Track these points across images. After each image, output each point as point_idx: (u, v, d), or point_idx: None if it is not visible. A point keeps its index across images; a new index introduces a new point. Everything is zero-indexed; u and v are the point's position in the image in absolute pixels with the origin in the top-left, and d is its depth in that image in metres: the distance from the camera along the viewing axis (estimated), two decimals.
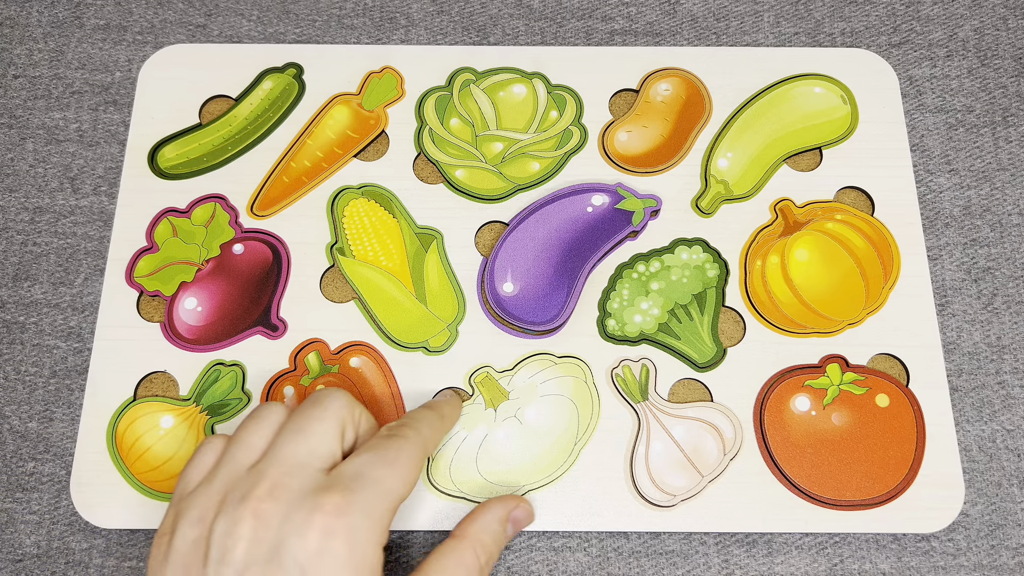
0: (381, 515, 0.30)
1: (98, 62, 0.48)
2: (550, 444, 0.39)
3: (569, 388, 0.40)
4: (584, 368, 0.40)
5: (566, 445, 0.39)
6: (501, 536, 0.35)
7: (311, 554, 0.28)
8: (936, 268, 0.44)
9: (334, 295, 0.42)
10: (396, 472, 0.31)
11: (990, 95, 0.48)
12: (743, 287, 0.42)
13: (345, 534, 0.29)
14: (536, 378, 0.40)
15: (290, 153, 0.45)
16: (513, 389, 0.40)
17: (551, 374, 0.40)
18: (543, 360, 0.40)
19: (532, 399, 0.40)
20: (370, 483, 0.30)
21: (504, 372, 0.40)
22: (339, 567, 0.28)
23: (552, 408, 0.40)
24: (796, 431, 0.40)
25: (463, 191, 0.44)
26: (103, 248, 0.44)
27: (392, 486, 0.31)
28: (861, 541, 0.39)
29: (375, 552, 0.30)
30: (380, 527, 0.30)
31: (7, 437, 0.41)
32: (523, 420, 0.39)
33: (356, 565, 0.29)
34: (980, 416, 0.41)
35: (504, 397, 0.40)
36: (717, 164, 0.45)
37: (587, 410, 0.40)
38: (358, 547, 0.29)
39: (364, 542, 0.29)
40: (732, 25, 0.49)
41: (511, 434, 0.39)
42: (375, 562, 0.30)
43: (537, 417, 0.39)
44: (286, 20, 0.49)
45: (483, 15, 0.49)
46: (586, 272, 0.42)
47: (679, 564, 0.39)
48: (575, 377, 0.40)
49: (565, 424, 0.39)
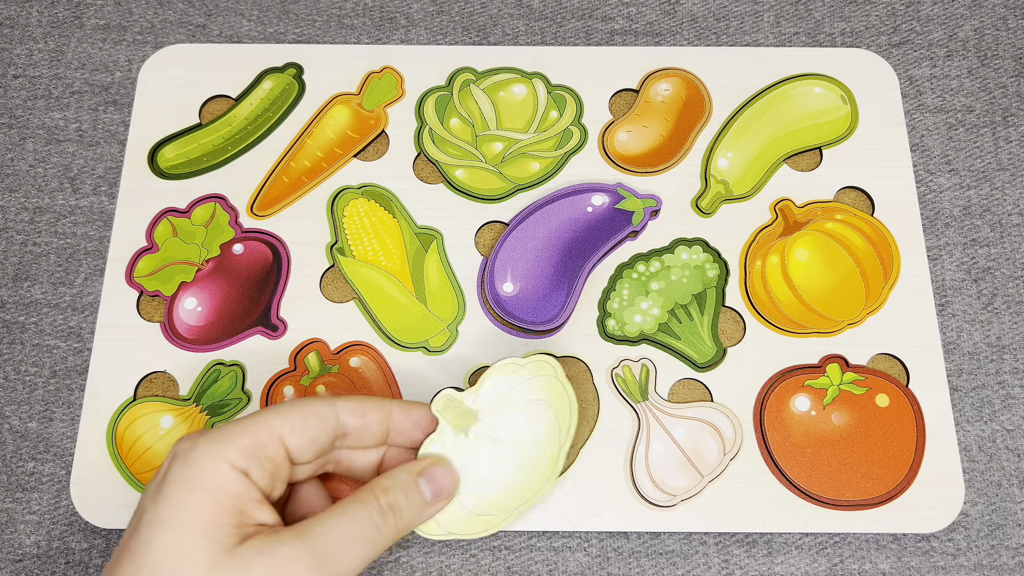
0: (233, 437, 0.30)
1: (98, 62, 0.48)
2: (531, 456, 0.35)
3: (541, 389, 0.36)
4: (551, 363, 0.36)
5: (551, 454, 0.36)
6: (410, 486, 0.33)
7: (156, 482, 0.30)
8: (936, 268, 0.44)
9: (334, 295, 0.42)
10: (276, 412, 0.31)
11: (990, 95, 0.48)
12: (743, 287, 0.42)
13: (184, 453, 0.30)
14: (503, 387, 0.35)
15: (290, 153, 0.45)
16: (481, 407, 0.35)
17: (519, 379, 0.36)
18: (506, 367, 0.36)
19: (504, 412, 0.35)
20: (242, 418, 0.31)
21: (466, 391, 0.35)
22: (171, 483, 0.29)
23: (527, 417, 0.35)
24: (796, 431, 0.40)
25: (463, 191, 0.44)
26: (103, 248, 0.44)
27: (263, 419, 0.31)
28: (861, 541, 0.39)
29: (217, 471, 0.29)
30: (230, 447, 0.30)
31: (7, 437, 0.41)
32: (499, 439, 0.35)
33: (187, 481, 0.29)
34: (980, 416, 0.41)
35: (473, 419, 0.35)
36: (717, 164, 0.45)
37: (563, 408, 0.36)
38: (192, 464, 0.29)
39: (201, 460, 0.29)
40: (732, 25, 0.49)
41: (490, 456, 0.35)
42: (217, 480, 0.29)
43: (514, 431, 0.35)
44: (286, 20, 0.49)
45: (483, 15, 0.49)
46: (586, 272, 0.42)
47: (679, 564, 0.39)
48: (545, 376, 0.36)
49: (545, 430, 0.36)
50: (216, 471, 0.29)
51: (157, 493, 0.29)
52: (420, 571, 0.39)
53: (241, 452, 0.30)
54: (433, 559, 0.39)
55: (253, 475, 0.30)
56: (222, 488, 0.29)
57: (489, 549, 0.39)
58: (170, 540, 0.28)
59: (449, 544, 0.39)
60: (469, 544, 0.39)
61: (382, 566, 0.39)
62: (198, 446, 0.30)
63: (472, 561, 0.39)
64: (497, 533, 0.39)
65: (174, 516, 0.29)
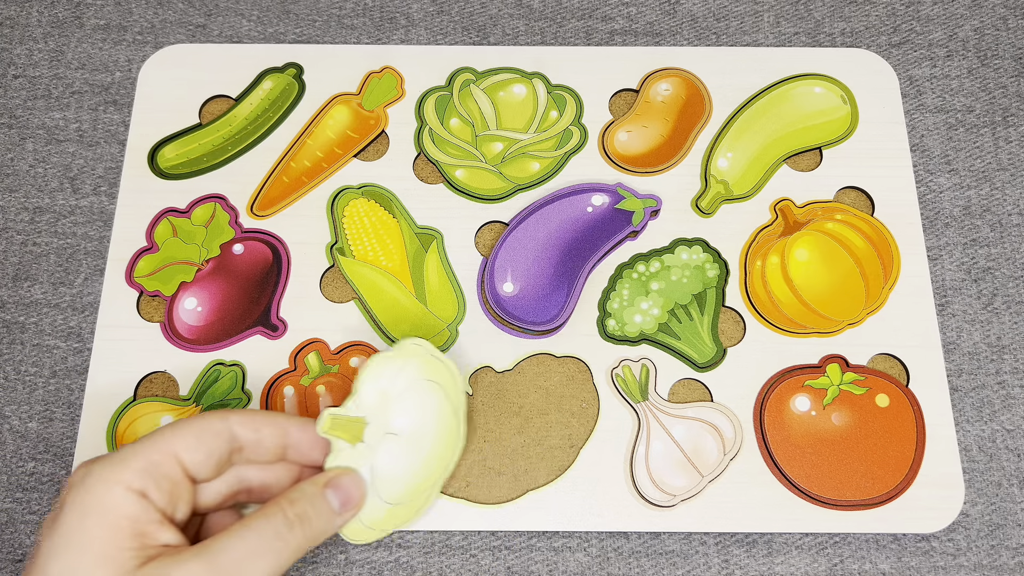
0: (127, 460, 0.30)
1: (98, 62, 0.48)
2: (434, 432, 0.36)
3: (418, 370, 0.36)
4: (420, 344, 0.36)
5: (450, 422, 0.36)
6: (317, 497, 0.33)
7: (54, 513, 0.30)
8: (936, 268, 0.44)
9: (334, 295, 0.42)
10: (170, 430, 0.31)
11: (990, 95, 0.48)
12: (743, 287, 0.42)
13: (80, 480, 0.30)
14: (381, 384, 0.35)
15: (290, 153, 0.45)
16: (365, 412, 0.35)
17: (392, 370, 0.36)
18: (377, 364, 0.35)
19: (391, 405, 0.35)
20: (119, 450, 0.31)
21: (347, 402, 0.35)
22: (68, 511, 0.29)
23: (415, 400, 0.36)
24: (796, 431, 0.40)
25: (463, 191, 0.44)
26: (103, 248, 0.44)
27: (156, 439, 0.31)
28: (861, 541, 0.39)
29: (111, 495, 0.29)
30: (125, 470, 0.30)
31: (7, 437, 0.41)
32: (397, 431, 0.35)
33: (82, 507, 0.29)
34: (980, 416, 0.41)
35: (362, 425, 0.35)
36: (717, 164, 0.45)
37: (447, 380, 0.36)
38: (87, 490, 0.29)
39: (95, 486, 0.29)
40: (732, 25, 0.49)
41: (395, 452, 0.35)
42: (111, 504, 0.29)
43: (408, 419, 0.35)
44: (286, 20, 0.49)
45: (483, 15, 0.49)
46: (586, 272, 0.42)
47: (679, 564, 0.39)
48: (417, 357, 0.36)
49: (435, 405, 0.36)
50: (111, 495, 0.29)
51: (53, 523, 0.29)
52: (420, 571, 0.39)
53: (136, 473, 0.30)
54: (433, 559, 0.39)
55: (151, 495, 0.30)
56: (118, 511, 0.29)
57: (489, 549, 0.39)
58: (67, 566, 0.28)
59: (449, 544, 0.39)
60: (469, 544, 0.39)
61: (382, 566, 0.39)
62: (92, 472, 0.30)
63: (472, 561, 0.39)
64: (496, 532, 0.39)
65: (69, 543, 0.29)
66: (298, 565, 0.38)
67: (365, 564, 0.39)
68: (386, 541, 0.39)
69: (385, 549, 0.39)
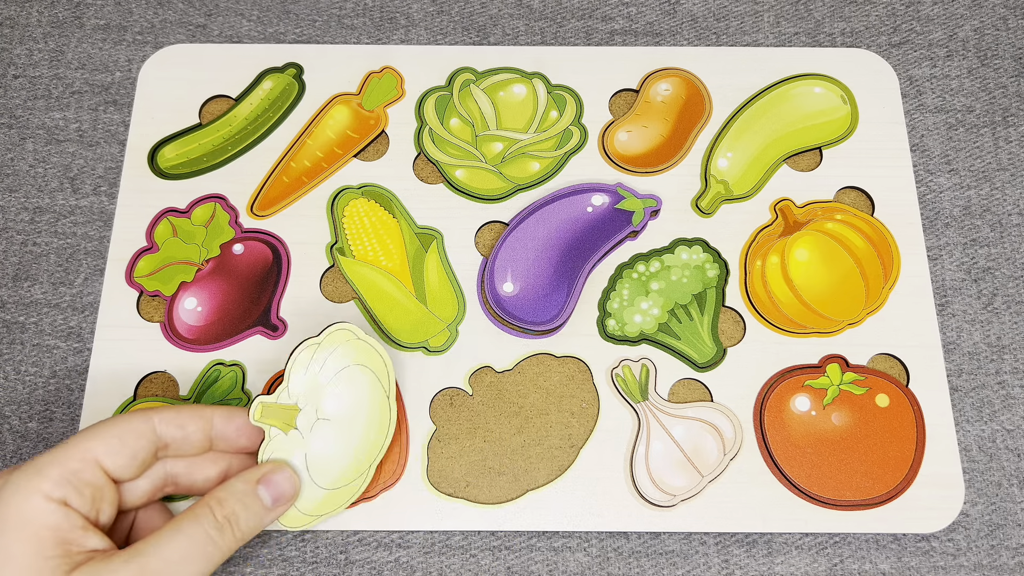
0: (45, 469, 0.30)
1: (98, 62, 0.48)
2: (365, 415, 0.37)
3: (346, 355, 0.37)
4: (348, 328, 0.37)
5: (378, 406, 0.37)
6: (248, 495, 0.33)
7: None
8: (936, 268, 0.44)
9: (334, 295, 0.42)
10: (89, 434, 0.31)
11: (990, 95, 0.48)
12: (743, 287, 0.42)
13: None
14: (311, 370, 0.36)
15: (290, 153, 0.45)
16: (296, 398, 0.36)
17: (321, 357, 0.36)
18: (304, 351, 0.36)
19: (321, 391, 0.36)
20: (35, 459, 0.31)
21: (278, 390, 0.36)
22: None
23: (345, 384, 0.37)
24: (796, 431, 0.40)
25: (463, 191, 0.44)
26: (103, 248, 0.44)
27: (76, 444, 0.31)
28: (861, 541, 0.39)
29: (30, 506, 0.29)
30: (44, 479, 0.29)
31: (7, 437, 0.41)
32: (328, 415, 0.36)
33: (3, 524, 0.28)
34: (980, 416, 0.41)
35: (294, 412, 0.35)
36: (717, 164, 0.45)
37: (375, 363, 0.37)
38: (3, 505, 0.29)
39: (12, 497, 0.29)
40: (732, 25, 0.49)
41: (326, 436, 0.36)
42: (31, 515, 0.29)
43: (338, 403, 0.36)
44: (286, 20, 0.49)
45: (483, 15, 0.49)
46: (586, 272, 0.42)
47: (679, 564, 0.39)
48: (343, 343, 0.37)
49: (367, 388, 0.37)
50: (29, 506, 0.29)
51: None
52: (420, 571, 0.39)
53: (55, 482, 0.29)
54: (433, 559, 0.39)
55: (72, 503, 0.30)
56: (38, 522, 0.29)
57: (489, 549, 0.39)
58: None
59: (449, 544, 0.39)
60: (469, 544, 0.39)
61: (382, 566, 0.39)
62: (8, 484, 0.29)
63: (472, 561, 0.39)
64: (496, 532, 0.39)
65: None
66: (298, 565, 0.38)
67: (365, 564, 0.39)
68: (386, 541, 0.39)
69: (385, 549, 0.39)
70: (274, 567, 0.38)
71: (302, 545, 0.39)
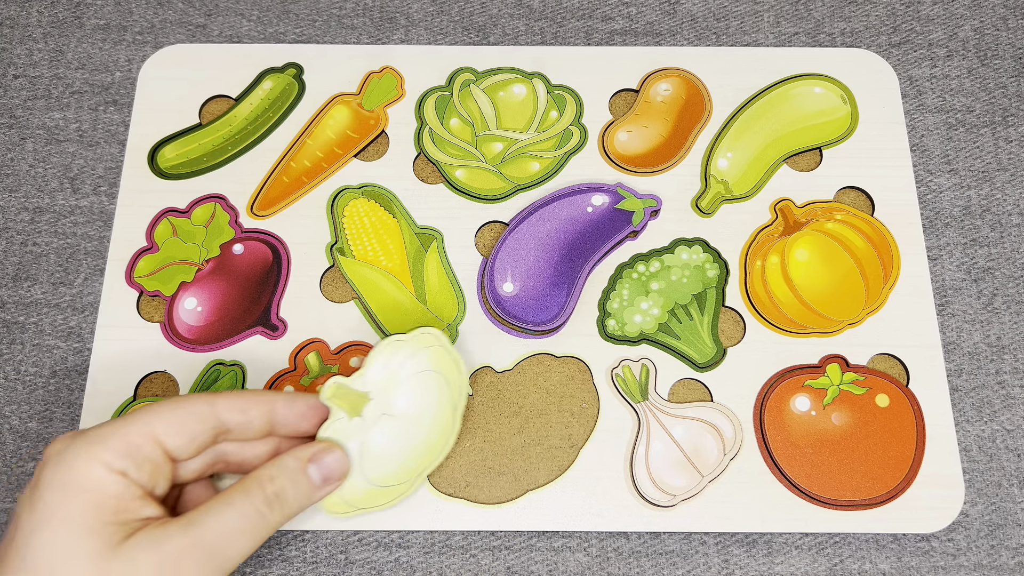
0: (108, 439, 0.30)
1: (98, 62, 0.48)
2: (428, 423, 0.37)
3: (428, 360, 0.37)
4: (433, 334, 0.37)
5: (447, 414, 0.37)
6: (298, 473, 0.33)
7: (30, 487, 0.30)
8: (936, 268, 0.44)
9: (334, 295, 0.42)
10: (153, 411, 0.31)
11: (990, 95, 0.48)
12: (743, 287, 0.42)
13: (58, 456, 0.30)
14: (391, 365, 0.36)
15: (290, 153, 0.45)
16: (370, 387, 0.36)
17: (404, 355, 0.37)
18: (390, 344, 0.36)
19: (395, 388, 0.36)
20: (118, 418, 0.31)
21: (353, 376, 0.36)
22: (47, 487, 0.29)
23: (418, 387, 0.37)
24: (796, 431, 0.40)
25: (463, 191, 0.44)
26: (103, 248, 0.44)
27: (139, 419, 0.31)
28: (861, 541, 0.39)
29: (92, 472, 0.30)
30: (106, 449, 0.30)
31: (7, 437, 0.41)
32: (395, 413, 0.36)
33: (63, 484, 0.29)
34: (980, 416, 0.41)
35: (365, 399, 0.35)
36: (717, 164, 0.45)
37: (452, 373, 0.37)
38: (67, 466, 0.29)
39: (76, 462, 0.30)
40: (732, 25, 0.49)
41: (388, 431, 0.36)
42: (92, 482, 0.29)
43: (407, 403, 0.36)
44: (286, 20, 0.49)
45: (483, 15, 0.49)
46: (586, 272, 0.42)
47: (679, 564, 0.39)
48: (430, 347, 0.37)
49: (435, 396, 0.37)
50: (91, 473, 0.30)
51: (32, 499, 0.29)
52: (420, 571, 0.39)
53: (116, 454, 0.30)
54: (433, 559, 0.39)
55: (131, 475, 0.30)
56: (99, 489, 0.29)
57: (489, 549, 0.39)
58: (51, 539, 0.28)
59: (449, 544, 0.39)
60: (469, 544, 0.39)
61: (382, 566, 0.39)
62: (71, 449, 0.30)
63: (472, 561, 0.39)
64: (496, 532, 0.39)
65: (51, 517, 0.29)
66: (298, 565, 0.38)
67: (365, 564, 0.39)
68: (386, 541, 0.39)
69: (385, 549, 0.39)
70: (274, 567, 0.38)
71: (302, 545, 0.39)
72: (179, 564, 0.29)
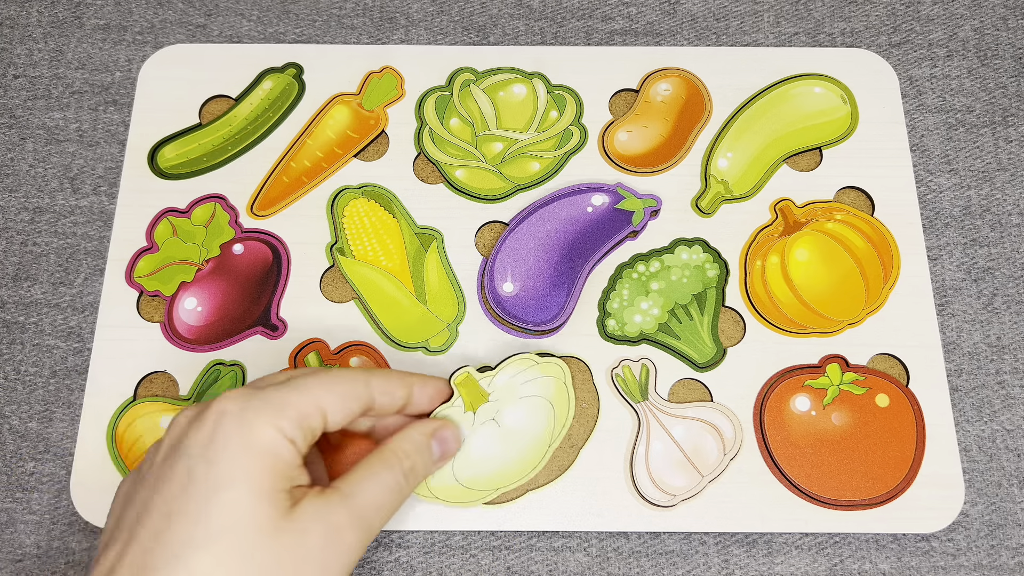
0: (282, 404, 0.30)
1: (98, 62, 0.48)
2: (524, 446, 0.38)
3: (549, 389, 0.39)
4: (563, 368, 0.39)
5: (540, 447, 0.39)
6: (425, 448, 0.35)
7: (204, 437, 0.29)
8: (936, 268, 0.44)
9: (334, 295, 0.42)
10: (317, 380, 0.32)
11: (990, 95, 0.48)
12: (743, 287, 0.42)
13: (236, 414, 0.30)
14: (517, 379, 0.39)
15: (290, 153, 0.45)
16: (494, 390, 0.38)
17: (532, 375, 0.39)
18: (524, 360, 0.39)
19: (512, 401, 0.38)
20: (282, 383, 0.31)
21: (485, 373, 0.38)
22: (225, 444, 0.29)
23: (530, 410, 0.39)
24: (796, 431, 0.40)
25: (463, 191, 0.44)
26: (103, 248, 0.44)
27: (306, 387, 0.31)
28: (861, 541, 0.39)
29: (270, 436, 0.30)
30: (279, 414, 0.30)
31: (7, 437, 0.41)
32: (501, 423, 0.38)
33: (245, 443, 0.29)
34: (980, 416, 0.41)
35: (484, 399, 0.38)
36: (717, 164, 0.45)
37: (563, 412, 0.39)
38: (247, 426, 0.29)
39: (256, 423, 0.30)
40: (732, 25, 0.49)
41: (488, 437, 0.38)
42: (271, 445, 0.30)
43: (515, 420, 0.38)
44: (286, 20, 0.49)
45: (483, 15, 0.49)
46: (586, 272, 0.42)
47: (679, 564, 0.39)
48: (555, 378, 0.39)
49: (541, 426, 0.39)
50: (270, 437, 0.30)
51: (209, 451, 0.29)
52: (420, 571, 0.39)
53: (291, 422, 0.30)
54: (433, 559, 0.39)
55: (298, 444, 0.31)
56: (276, 455, 0.30)
57: (489, 549, 0.39)
58: (233, 501, 0.28)
59: (449, 544, 0.39)
60: (469, 544, 0.39)
61: (382, 566, 0.39)
62: (250, 409, 0.30)
63: (472, 561, 0.39)
64: (496, 532, 0.39)
65: (233, 476, 0.29)
66: None
67: (365, 564, 0.39)
68: (386, 541, 0.39)
69: (385, 549, 0.39)
70: None
71: None
72: (342, 535, 0.30)
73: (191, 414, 0.31)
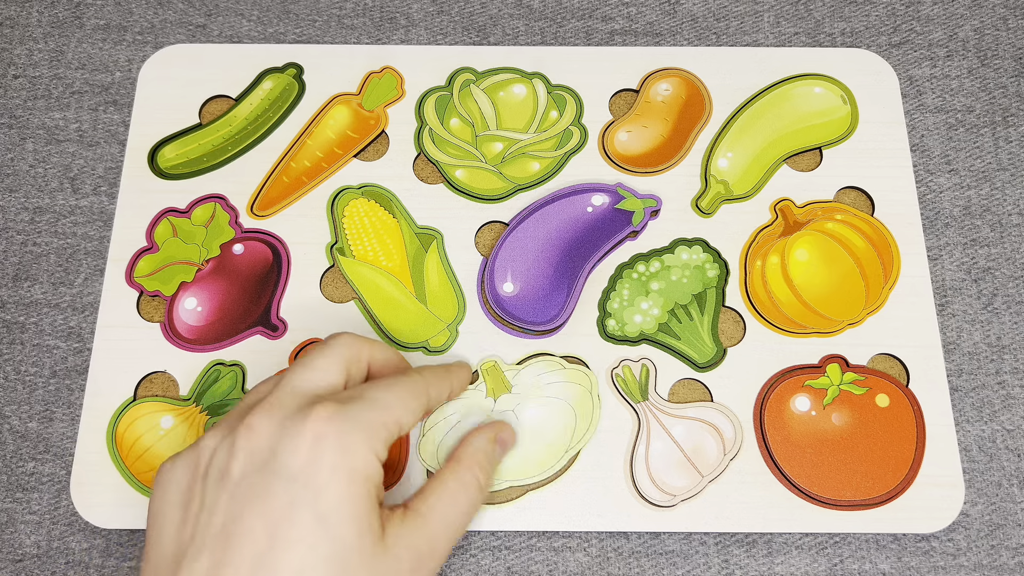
0: (374, 425, 0.30)
1: (98, 62, 0.48)
2: (543, 446, 0.39)
3: (573, 395, 0.40)
4: (591, 378, 0.40)
5: (557, 451, 0.39)
6: (493, 455, 0.36)
7: (303, 461, 0.29)
8: (936, 268, 0.44)
9: (334, 295, 0.42)
10: (392, 393, 0.32)
11: (990, 95, 0.48)
12: (743, 287, 0.42)
13: (335, 439, 0.29)
14: (542, 378, 0.40)
15: (290, 153, 0.45)
16: (517, 384, 0.39)
17: (557, 377, 0.40)
18: (552, 362, 0.40)
19: (534, 398, 0.39)
20: (363, 399, 0.31)
21: (511, 366, 0.40)
22: (331, 472, 0.29)
23: (552, 411, 0.39)
24: (796, 431, 0.40)
25: (463, 191, 0.44)
26: (103, 248, 0.44)
27: (387, 403, 0.31)
28: (861, 541, 0.39)
29: (369, 460, 0.30)
30: (373, 436, 0.30)
31: (7, 437, 0.41)
32: (520, 417, 0.39)
33: (349, 471, 0.29)
34: (980, 416, 0.41)
35: (507, 390, 0.39)
36: (717, 164, 0.45)
37: (585, 420, 0.39)
38: (349, 452, 0.29)
39: (356, 448, 0.29)
40: (732, 25, 0.49)
41: None
42: (370, 471, 0.30)
43: (535, 417, 0.39)
44: (286, 20, 0.49)
45: (483, 15, 0.49)
46: (586, 272, 0.42)
47: (679, 564, 0.39)
48: (580, 385, 0.40)
49: (561, 430, 0.39)
50: (367, 462, 0.30)
51: (313, 478, 0.29)
52: None
53: (382, 444, 0.31)
54: None
55: (383, 462, 0.31)
56: (372, 480, 0.30)
57: (489, 549, 0.39)
58: (339, 529, 0.28)
59: None
60: (469, 544, 0.39)
61: None
62: (346, 433, 0.30)
63: (472, 561, 0.39)
64: (496, 532, 0.39)
65: (340, 507, 0.29)
66: None
67: None
68: None
69: None
70: None
71: None
72: (424, 562, 0.31)
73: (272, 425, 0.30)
